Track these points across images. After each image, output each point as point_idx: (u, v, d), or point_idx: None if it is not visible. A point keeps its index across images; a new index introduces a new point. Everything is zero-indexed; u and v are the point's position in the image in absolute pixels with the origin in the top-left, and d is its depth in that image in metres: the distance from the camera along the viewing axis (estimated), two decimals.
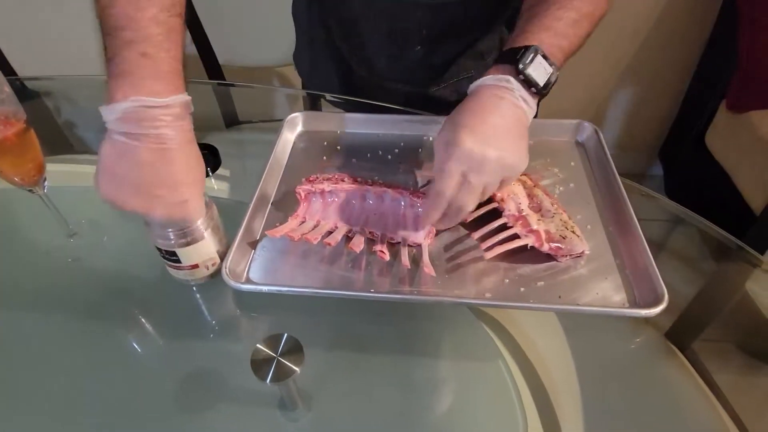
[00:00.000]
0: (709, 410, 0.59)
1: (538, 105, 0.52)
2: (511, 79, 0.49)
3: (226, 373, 0.53)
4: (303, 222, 0.59)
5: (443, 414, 0.51)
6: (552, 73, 0.49)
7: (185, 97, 0.46)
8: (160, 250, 0.54)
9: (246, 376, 0.42)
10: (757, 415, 0.60)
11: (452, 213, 0.51)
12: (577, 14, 0.51)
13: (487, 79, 0.50)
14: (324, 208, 0.60)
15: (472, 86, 0.52)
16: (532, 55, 0.48)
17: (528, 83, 0.49)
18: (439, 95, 0.82)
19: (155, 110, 0.43)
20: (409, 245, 0.56)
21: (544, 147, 0.70)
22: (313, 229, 0.57)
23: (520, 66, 0.48)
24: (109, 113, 0.44)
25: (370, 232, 0.58)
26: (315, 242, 0.55)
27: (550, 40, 0.50)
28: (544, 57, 0.49)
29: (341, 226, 0.58)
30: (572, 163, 0.68)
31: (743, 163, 1.26)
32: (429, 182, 0.64)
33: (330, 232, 0.58)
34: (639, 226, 0.55)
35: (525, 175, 0.62)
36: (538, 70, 0.48)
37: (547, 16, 0.51)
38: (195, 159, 0.48)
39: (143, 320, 0.58)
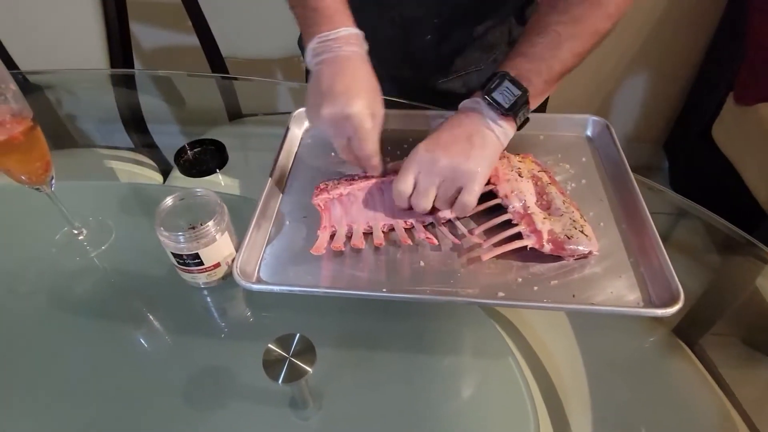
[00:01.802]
0: (717, 406, 0.59)
1: (522, 126, 0.57)
2: (479, 100, 0.55)
3: (238, 373, 0.52)
4: (334, 231, 0.58)
5: (454, 412, 0.51)
6: (519, 96, 0.53)
7: (352, 30, 0.56)
8: (179, 256, 0.53)
9: (258, 376, 0.42)
10: (763, 408, 0.60)
11: (417, 209, 0.56)
12: (556, 38, 0.54)
13: (463, 103, 0.58)
14: (346, 212, 0.59)
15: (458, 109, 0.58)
16: (498, 81, 0.54)
17: (494, 105, 0.54)
18: (447, 88, 0.81)
19: (328, 42, 0.55)
20: (442, 223, 0.58)
21: (555, 142, 0.70)
22: (348, 235, 0.58)
23: (486, 90, 0.54)
24: (306, 57, 0.57)
25: (405, 222, 0.58)
26: (363, 246, 0.57)
27: (524, 65, 0.55)
28: (512, 81, 0.54)
29: (373, 224, 0.58)
30: (583, 159, 0.67)
31: (751, 157, 1.25)
32: None
33: (368, 234, 0.59)
34: (653, 224, 0.55)
35: (544, 171, 0.62)
36: (504, 94, 0.54)
37: (524, 42, 0.56)
38: (364, 73, 0.56)
39: (153, 320, 0.58)
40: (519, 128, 0.57)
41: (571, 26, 0.54)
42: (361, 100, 0.53)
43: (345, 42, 0.55)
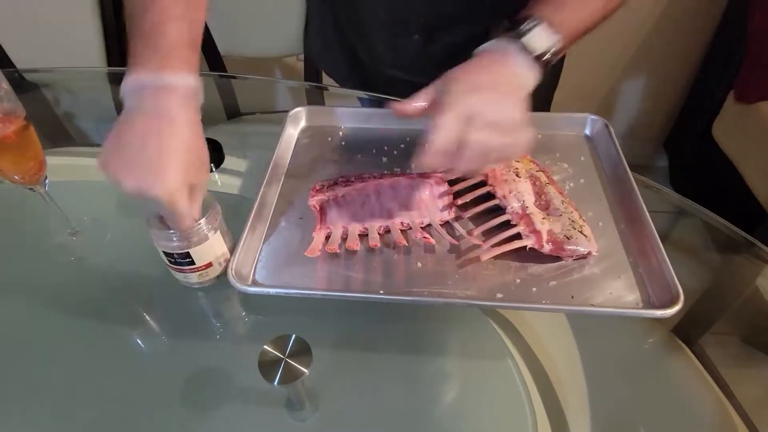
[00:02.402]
0: (716, 406, 0.59)
1: (546, 73, 0.52)
2: (509, 43, 0.49)
3: (234, 374, 0.52)
4: (329, 232, 0.58)
5: (452, 413, 0.51)
6: (554, 43, 0.50)
7: (189, 78, 0.45)
8: (170, 255, 0.53)
9: (253, 377, 0.41)
10: (762, 407, 0.60)
11: (456, 153, 0.47)
12: None
13: (487, 45, 0.51)
14: (342, 214, 0.59)
15: (474, 52, 0.52)
16: (533, 24, 0.49)
17: (526, 49, 0.49)
18: None
19: (156, 88, 0.44)
20: (440, 224, 0.58)
21: (553, 141, 0.69)
22: (343, 237, 0.57)
23: (519, 32, 0.49)
24: (122, 88, 0.45)
25: (401, 223, 0.57)
26: (358, 248, 0.56)
27: (554, 14, 0.51)
28: (546, 28, 0.50)
29: (369, 226, 0.57)
30: (582, 158, 0.67)
31: (751, 155, 1.25)
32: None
33: (364, 235, 0.58)
34: (652, 224, 0.54)
35: (542, 171, 0.62)
36: (539, 37, 0.49)
37: None
38: (187, 134, 0.45)
39: (148, 321, 0.58)
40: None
41: None
42: (179, 175, 0.43)
43: (173, 92, 0.44)
